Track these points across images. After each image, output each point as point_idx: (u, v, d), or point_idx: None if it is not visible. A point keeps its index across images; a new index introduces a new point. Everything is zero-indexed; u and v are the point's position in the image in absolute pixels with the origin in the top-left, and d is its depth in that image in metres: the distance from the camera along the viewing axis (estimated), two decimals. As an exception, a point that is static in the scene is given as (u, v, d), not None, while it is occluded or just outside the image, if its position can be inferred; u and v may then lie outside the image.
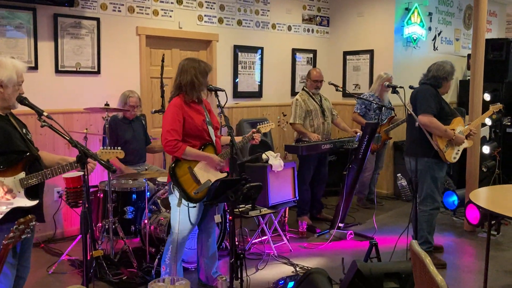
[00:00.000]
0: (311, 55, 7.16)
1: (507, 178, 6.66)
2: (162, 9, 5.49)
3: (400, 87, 4.12)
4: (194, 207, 3.21)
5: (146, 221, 4.00)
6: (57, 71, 4.78)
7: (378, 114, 5.39)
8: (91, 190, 4.25)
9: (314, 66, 7.15)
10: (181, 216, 3.22)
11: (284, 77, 6.89)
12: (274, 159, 4.51)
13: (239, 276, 2.77)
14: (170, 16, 5.57)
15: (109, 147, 2.92)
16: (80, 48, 4.90)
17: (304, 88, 5.36)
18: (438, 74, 4.11)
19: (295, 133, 5.34)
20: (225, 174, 3.27)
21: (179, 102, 3.21)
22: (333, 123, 5.42)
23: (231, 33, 6.18)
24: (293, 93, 6.88)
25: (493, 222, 4.98)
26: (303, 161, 5.16)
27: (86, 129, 4.10)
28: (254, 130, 3.49)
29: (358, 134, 4.92)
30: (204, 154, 3.24)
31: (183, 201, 3.18)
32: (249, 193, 2.88)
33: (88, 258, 2.69)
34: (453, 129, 4.11)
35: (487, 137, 6.54)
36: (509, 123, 7.03)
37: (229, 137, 3.14)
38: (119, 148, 2.96)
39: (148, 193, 4.10)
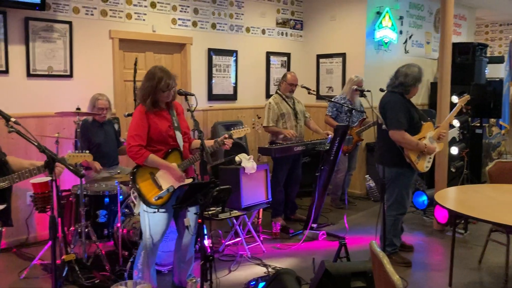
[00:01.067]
0: (285, 58, 7.21)
1: (475, 178, 6.82)
2: (135, 13, 5.48)
3: (368, 91, 4.17)
4: (154, 212, 3.18)
5: (119, 225, 3.99)
6: (29, 75, 4.73)
7: (349, 117, 5.47)
8: (64, 194, 4.22)
9: (289, 69, 7.19)
10: (151, 221, 3.22)
11: (259, 79, 6.92)
12: (247, 162, 4.53)
13: (209, 278, 2.79)
14: (144, 20, 5.55)
15: (77, 151, 2.91)
16: (52, 52, 4.85)
17: (278, 91, 5.39)
18: (406, 81, 4.12)
19: (269, 136, 5.37)
20: (190, 180, 3.25)
21: (144, 108, 3.20)
22: (306, 126, 5.47)
23: (205, 37, 6.19)
24: (268, 95, 6.92)
25: (461, 221, 5.11)
26: (277, 163, 5.20)
27: (58, 133, 4.07)
28: (226, 135, 3.48)
29: (329, 136, 4.97)
30: (167, 165, 3.19)
31: (148, 207, 3.17)
32: (219, 196, 2.88)
33: (59, 262, 2.68)
34: (424, 137, 4.15)
35: (456, 138, 6.69)
36: (477, 124, 7.24)
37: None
38: (87, 151, 2.95)
39: (121, 197, 4.09)
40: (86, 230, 3.98)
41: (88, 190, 4.06)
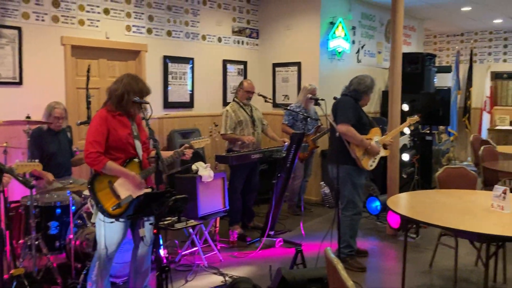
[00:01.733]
0: (241, 66, 7.25)
1: (426, 183, 7.03)
2: (88, 19, 5.36)
3: (322, 99, 4.24)
4: (112, 222, 3.12)
5: (71, 236, 3.87)
6: (-25, 81, 4.55)
7: (305, 124, 5.54)
8: (12, 205, 4.06)
9: (245, 77, 7.23)
10: (107, 231, 3.14)
11: (215, 87, 6.91)
12: (204, 170, 4.49)
13: (165, 289, 2.74)
14: (97, 26, 5.45)
15: (26, 160, 2.80)
16: (0, 58, 4.68)
17: (235, 99, 5.41)
18: (358, 88, 4.26)
19: (226, 143, 5.37)
20: (149, 190, 3.20)
21: (104, 114, 3.15)
22: (263, 133, 5.51)
23: (161, 44, 6.13)
24: (225, 103, 6.92)
25: (412, 226, 5.25)
26: (234, 171, 5.20)
27: (6, 142, 3.91)
28: (187, 145, 3.43)
29: (286, 143, 5.01)
30: (125, 172, 3.15)
31: (105, 217, 3.10)
32: (175, 206, 2.83)
33: (7, 277, 2.57)
34: (370, 139, 4.25)
35: (407, 145, 6.89)
36: (427, 131, 7.49)
37: (162, 151, 3.10)
38: (37, 160, 2.86)
39: (73, 207, 3.97)
40: (37, 242, 3.82)
41: (39, 201, 3.92)
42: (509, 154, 6.16)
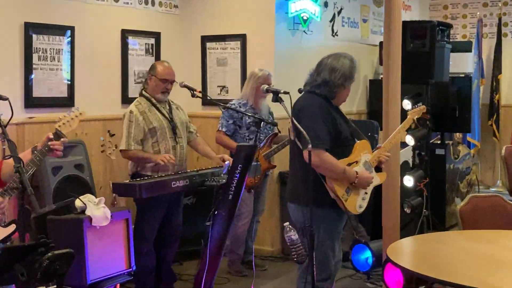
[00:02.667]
0: (152, 41, 7.20)
1: (439, 220, 7.18)
2: None
3: (286, 92, 4.22)
4: None
5: None
6: None
7: (255, 132, 5.49)
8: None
9: (159, 58, 7.15)
10: None
11: (109, 74, 6.83)
12: (95, 208, 4.47)
13: None
14: None
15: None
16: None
17: (144, 92, 5.38)
18: (331, 79, 4.28)
19: (130, 164, 5.33)
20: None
21: None
22: (190, 146, 5.50)
23: (19, 5, 6.00)
24: (126, 99, 6.82)
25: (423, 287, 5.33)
26: (143, 208, 5.18)
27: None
28: (50, 134, 3.51)
29: (227, 163, 4.98)
30: None
31: None
32: (52, 267, 2.80)
33: None
34: (356, 161, 4.31)
35: (410, 163, 7.03)
36: (438, 141, 7.66)
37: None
38: None
39: None
40: None
41: None
42: None
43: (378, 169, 4.52)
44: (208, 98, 6.64)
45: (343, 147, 4.28)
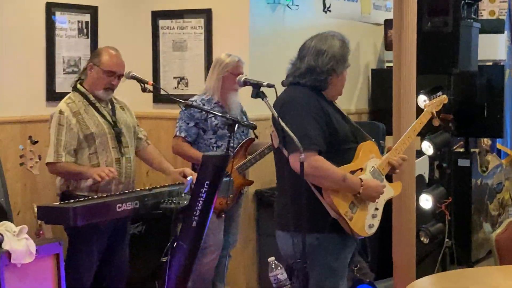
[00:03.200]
0: (86, 18, 7.17)
1: (464, 253, 7.16)
2: None
3: (270, 85, 4.20)
4: None
5: None
6: None
7: (226, 137, 5.43)
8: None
9: (96, 39, 7.14)
10: None
11: (30, 63, 6.75)
12: (15, 240, 4.43)
13: None
14: None
15: None
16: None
17: (79, 86, 5.40)
18: (318, 64, 4.31)
19: (59, 181, 5.33)
20: None
21: None
22: (139, 157, 5.57)
23: None
24: (52, 95, 6.78)
25: None
26: (77, 240, 5.20)
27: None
28: None
29: (189, 179, 4.92)
30: None
31: None
32: None
33: None
34: (360, 168, 4.30)
35: (426, 177, 7.01)
36: (461, 150, 7.64)
37: None
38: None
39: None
40: None
41: None
42: None
43: (389, 178, 4.57)
44: (165, 93, 6.51)
45: (342, 151, 4.30)
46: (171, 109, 6.93)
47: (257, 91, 4.21)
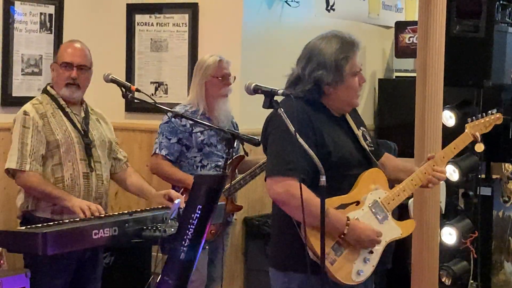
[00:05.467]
0: (50, 10, 7.13)
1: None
2: None
3: (286, 93, 4.10)
4: None
5: None
6: None
7: (227, 153, 5.31)
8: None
9: (61, 35, 7.14)
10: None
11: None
12: None
13: None
14: None
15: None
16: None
17: (49, 88, 5.37)
18: (304, 73, 4.27)
19: (20, 199, 5.26)
20: None
21: None
22: (115, 180, 5.58)
23: None
24: (7, 101, 6.75)
25: None
26: (38, 271, 5.10)
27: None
28: None
29: (176, 202, 4.79)
30: None
31: None
32: None
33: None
34: (357, 202, 4.23)
35: (442, 206, 6.80)
36: (483, 176, 7.47)
37: None
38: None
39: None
40: None
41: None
42: None
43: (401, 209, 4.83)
44: (152, 102, 6.31)
45: (340, 177, 4.19)
46: (146, 119, 7.08)
47: (270, 100, 4.07)
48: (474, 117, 4.94)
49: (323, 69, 4.20)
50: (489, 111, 4.94)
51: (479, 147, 4.95)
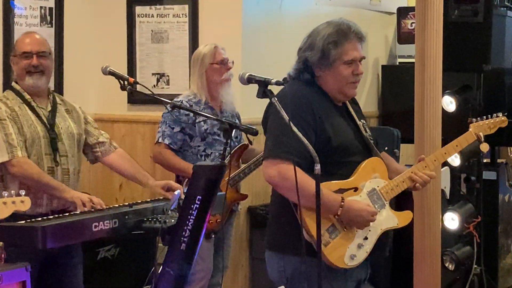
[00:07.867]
0: (50, 3, 7.25)
1: (492, 279, 7.18)
2: None
3: (281, 82, 4.15)
4: None
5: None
6: None
7: (224, 144, 5.36)
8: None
9: (61, 28, 7.28)
10: None
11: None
12: None
13: None
14: None
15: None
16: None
17: (14, 84, 5.41)
18: (307, 56, 4.34)
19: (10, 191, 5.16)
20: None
21: None
22: (106, 165, 5.63)
23: None
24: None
25: None
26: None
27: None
28: None
29: (176, 193, 4.83)
30: None
31: None
32: None
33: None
34: (355, 188, 4.29)
35: (447, 192, 6.96)
36: (487, 161, 7.55)
37: None
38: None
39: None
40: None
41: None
42: None
43: (400, 204, 4.76)
44: (150, 94, 6.41)
45: (338, 164, 4.29)
46: (149, 111, 7.16)
47: (264, 90, 4.13)
48: (479, 118, 5.01)
49: (311, 50, 4.31)
50: (495, 114, 5.00)
51: (485, 147, 5.02)
